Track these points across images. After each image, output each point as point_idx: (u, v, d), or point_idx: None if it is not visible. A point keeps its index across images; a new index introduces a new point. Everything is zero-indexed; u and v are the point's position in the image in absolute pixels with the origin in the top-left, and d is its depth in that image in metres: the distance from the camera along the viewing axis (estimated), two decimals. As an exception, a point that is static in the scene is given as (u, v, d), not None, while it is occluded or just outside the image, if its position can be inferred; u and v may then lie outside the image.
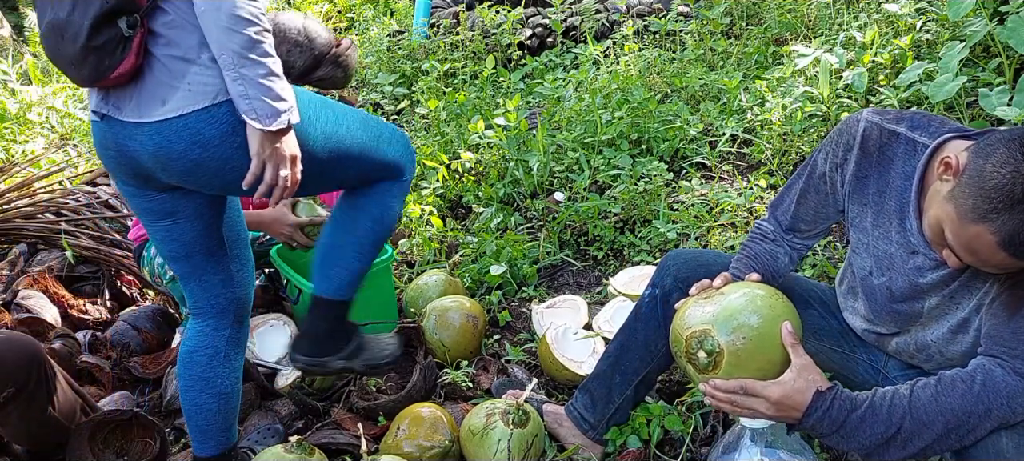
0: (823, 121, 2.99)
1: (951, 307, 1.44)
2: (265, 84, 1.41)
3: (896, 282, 1.49)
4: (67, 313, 2.68)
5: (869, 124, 1.47)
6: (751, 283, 1.48)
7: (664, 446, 1.93)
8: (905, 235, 1.44)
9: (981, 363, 1.33)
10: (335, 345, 1.87)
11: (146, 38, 1.44)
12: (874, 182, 1.47)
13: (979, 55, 2.88)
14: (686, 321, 1.46)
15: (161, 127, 1.45)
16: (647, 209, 2.94)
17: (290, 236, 2.36)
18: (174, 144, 1.46)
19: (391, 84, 4.50)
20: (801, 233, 1.69)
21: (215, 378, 1.76)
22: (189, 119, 1.44)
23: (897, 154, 1.43)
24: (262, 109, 1.41)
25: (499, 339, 2.56)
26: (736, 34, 4.40)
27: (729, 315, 1.40)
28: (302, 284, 2.37)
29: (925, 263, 1.42)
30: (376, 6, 6.19)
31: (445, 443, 1.93)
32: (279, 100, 1.43)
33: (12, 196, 3.27)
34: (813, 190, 1.60)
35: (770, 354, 1.40)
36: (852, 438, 1.35)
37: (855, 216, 1.54)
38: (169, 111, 1.44)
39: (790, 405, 1.36)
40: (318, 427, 2.12)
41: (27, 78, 5.82)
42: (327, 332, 1.86)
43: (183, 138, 1.45)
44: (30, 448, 1.92)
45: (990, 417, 1.29)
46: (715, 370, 1.42)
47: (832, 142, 1.54)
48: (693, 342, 1.43)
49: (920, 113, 1.46)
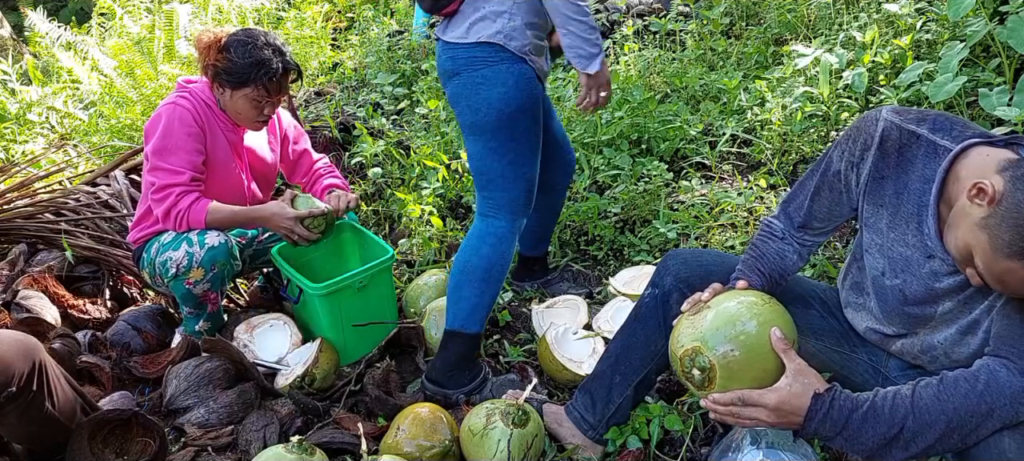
0: (823, 121, 2.99)
1: (963, 310, 1.42)
2: (585, 37, 1.97)
3: (910, 285, 1.47)
4: (67, 313, 2.68)
5: (888, 124, 1.42)
6: (739, 292, 1.47)
7: (664, 446, 1.93)
8: (922, 239, 1.41)
9: (985, 363, 1.32)
10: (461, 379, 2.20)
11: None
12: (891, 183, 1.44)
13: (979, 55, 2.88)
14: (679, 340, 1.46)
15: (447, 47, 2.06)
16: (647, 209, 2.94)
17: (291, 229, 2.36)
18: (443, 63, 2.09)
19: (391, 84, 4.49)
20: (813, 230, 1.65)
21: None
22: (459, 49, 2.03)
23: (917, 156, 1.39)
24: (585, 55, 1.99)
25: (499, 339, 2.56)
26: (736, 34, 4.40)
27: (716, 329, 1.40)
28: (303, 284, 2.37)
29: (941, 268, 1.40)
30: (376, 6, 6.19)
31: (445, 443, 1.93)
32: (595, 46, 2.00)
33: (12, 196, 3.27)
34: (827, 187, 1.57)
35: (763, 363, 1.39)
36: (856, 439, 1.34)
37: (870, 216, 1.51)
38: (455, 38, 2.03)
39: (789, 410, 1.36)
40: (318, 427, 2.12)
41: (27, 78, 5.82)
42: (456, 363, 2.19)
43: (446, 60, 2.07)
44: (30, 448, 1.92)
45: (993, 417, 1.28)
46: (711, 386, 1.42)
47: (849, 140, 1.50)
48: (686, 361, 1.44)
49: (942, 115, 1.42)
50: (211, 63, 2.31)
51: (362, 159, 3.67)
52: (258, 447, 2.03)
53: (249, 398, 2.21)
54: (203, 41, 2.33)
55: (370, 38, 5.30)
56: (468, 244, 2.18)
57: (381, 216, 3.51)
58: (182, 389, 2.19)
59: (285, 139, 2.68)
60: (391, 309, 2.56)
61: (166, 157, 2.28)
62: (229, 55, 2.28)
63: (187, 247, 2.25)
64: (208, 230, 2.29)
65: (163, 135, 2.29)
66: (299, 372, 2.27)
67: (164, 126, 2.29)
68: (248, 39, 2.30)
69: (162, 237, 2.32)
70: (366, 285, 2.42)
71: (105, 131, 4.77)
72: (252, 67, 2.27)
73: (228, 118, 2.42)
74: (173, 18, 5.43)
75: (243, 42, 2.29)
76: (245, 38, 2.30)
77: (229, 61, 2.28)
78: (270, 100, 2.36)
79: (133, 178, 3.42)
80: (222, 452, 2.06)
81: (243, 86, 2.30)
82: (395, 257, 2.50)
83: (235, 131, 2.46)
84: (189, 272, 2.26)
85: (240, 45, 2.28)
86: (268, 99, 2.35)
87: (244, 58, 2.27)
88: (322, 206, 2.40)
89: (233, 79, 2.30)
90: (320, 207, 2.39)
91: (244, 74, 2.28)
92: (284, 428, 2.14)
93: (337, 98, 4.57)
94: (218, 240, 2.28)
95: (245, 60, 2.27)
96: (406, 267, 3.10)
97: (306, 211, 2.36)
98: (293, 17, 5.88)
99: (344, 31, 6.25)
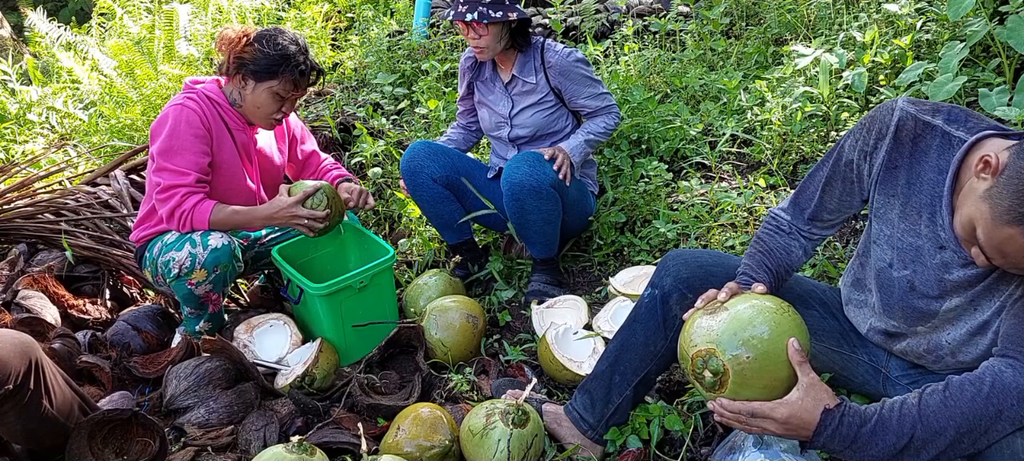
0: (823, 121, 2.99)
1: (970, 310, 1.42)
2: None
3: (920, 275, 1.46)
4: (67, 313, 2.68)
5: (904, 113, 1.42)
6: (756, 295, 1.45)
7: (664, 446, 1.92)
8: (934, 230, 1.41)
9: (990, 365, 1.32)
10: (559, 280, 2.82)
11: None
12: (904, 173, 1.44)
13: (979, 55, 2.88)
14: (691, 338, 1.44)
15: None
16: (647, 209, 2.94)
17: (294, 216, 2.37)
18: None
19: (391, 84, 4.49)
20: (822, 222, 1.65)
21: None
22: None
23: (932, 147, 1.39)
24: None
25: (499, 339, 2.56)
26: (736, 34, 4.40)
27: (733, 333, 1.38)
28: (303, 284, 2.37)
29: (953, 260, 1.40)
30: (376, 6, 6.19)
31: (445, 443, 1.93)
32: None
33: (12, 196, 3.27)
34: (839, 178, 1.56)
35: (776, 371, 1.38)
36: (865, 452, 1.34)
37: (880, 207, 1.50)
38: None
39: (798, 424, 1.35)
40: (318, 427, 2.12)
41: (27, 78, 5.82)
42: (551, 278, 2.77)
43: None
44: (28, 447, 1.92)
45: (1002, 419, 1.28)
46: (721, 389, 1.40)
47: (862, 129, 1.50)
48: (698, 362, 1.42)
49: (958, 107, 1.42)
50: (238, 55, 2.34)
51: (362, 159, 3.67)
52: (258, 447, 2.03)
53: (249, 398, 2.21)
54: (228, 35, 2.35)
55: (370, 38, 5.30)
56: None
57: (381, 216, 3.52)
58: (182, 389, 2.19)
59: (293, 140, 2.70)
60: (391, 309, 2.56)
61: (172, 158, 2.29)
62: (259, 47, 2.32)
63: (190, 248, 2.25)
64: (211, 231, 2.29)
65: (169, 135, 2.29)
66: (299, 372, 2.27)
67: (170, 126, 2.30)
68: (277, 33, 2.35)
69: (165, 237, 2.32)
70: (366, 285, 2.42)
71: (105, 131, 4.77)
72: (281, 60, 2.31)
73: (238, 118, 2.43)
74: (173, 18, 5.44)
75: (272, 36, 2.34)
76: (274, 32, 2.35)
77: (258, 52, 2.32)
78: (291, 96, 2.39)
79: (133, 178, 3.42)
80: (222, 452, 2.06)
81: (270, 78, 2.33)
82: (395, 257, 2.50)
83: (247, 131, 2.46)
84: (192, 273, 2.26)
85: (269, 39, 2.33)
86: (290, 94, 2.38)
87: (274, 50, 2.31)
88: (312, 184, 2.41)
89: (260, 71, 2.32)
90: (310, 186, 2.40)
91: (273, 66, 2.32)
92: (284, 428, 2.14)
93: (337, 98, 4.58)
94: (221, 242, 2.28)
95: (275, 52, 2.31)
96: (406, 267, 3.10)
97: (301, 194, 2.37)
98: (293, 17, 5.88)
99: (344, 31, 6.25)
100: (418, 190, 2.76)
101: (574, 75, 2.68)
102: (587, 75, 2.71)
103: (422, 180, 2.74)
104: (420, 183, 2.74)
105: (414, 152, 2.75)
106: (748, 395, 1.39)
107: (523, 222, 2.60)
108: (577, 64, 2.68)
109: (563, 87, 2.70)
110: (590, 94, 2.71)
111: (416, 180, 2.74)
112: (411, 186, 2.77)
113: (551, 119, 2.76)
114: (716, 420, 1.44)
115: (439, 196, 2.77)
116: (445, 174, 2.75)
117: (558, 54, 2.68)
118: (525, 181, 2.50)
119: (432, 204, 2.78)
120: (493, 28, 2.59)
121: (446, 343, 2.39)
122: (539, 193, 2.51)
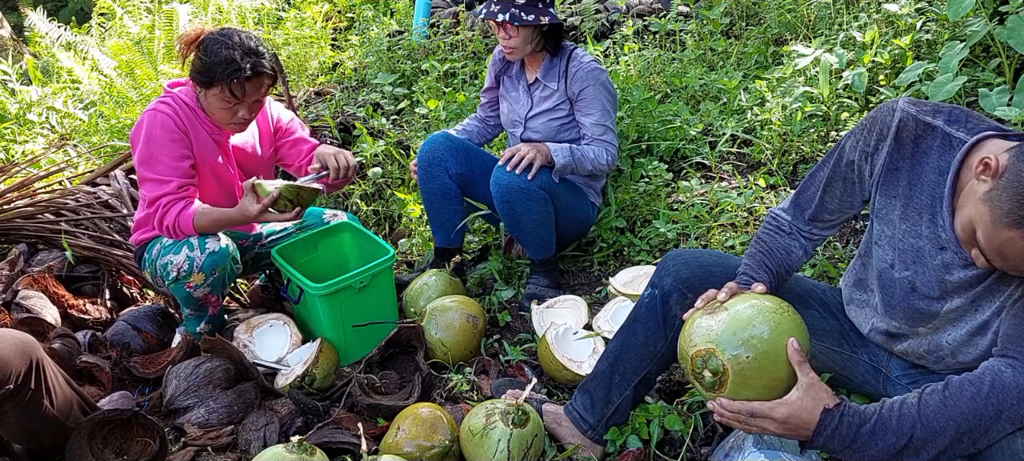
0: (823, 121, 2.99)
1: (970, 311, 1.42)
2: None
3: (921, 277, 1.46)
4: (67, 313, 2.68)
5: (905, 114, 1.42)
6: (756, 295, 1.45)
7: (664, 446, 1.92)
8: (935, 231, 1.41)
9: (990, 365, 1.32)
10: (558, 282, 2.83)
11: None
12: (906, 174, 1.44)
13: (979, 55, 2.88)
14: (691, 338, 1.44)
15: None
16: (647, 209, 2.94)
17: (264, 219, 2.28)
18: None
19: (391, 84, 4.49)
20: (823, 223, 1.65)
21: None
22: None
23: (933, 148, 1.39)
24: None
25: (499, 339, 2.56)
26: (736, 34, 4.40)
27: (733, 333, 1.38)
28: (303, 284, 2.37)
29: (954, 261, 1.40)
30: (376, 6, 6.19)
31: (445, 443, 1.93)
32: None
33: (12, 196, 3.27)
34: (840, 178, 1.56)
35: (776, 371, 1.38)
36: (864, 452, 1.34)
37: (882, 208, 1.50)
38: None
39: (798, 424, 1.35)
40: (318, 427, 2.12)
41: (27, 78, 5.82)
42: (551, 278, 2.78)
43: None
44: (29, 447, 1.92)
45: (1002, 418, 1.28)
46: (721, 389, 1.41)
47: (863, 129, 1.50)
48: (698, 362, 1.42)
49: (959, 107, 1.42)
50: (190, 59, 2.27)
51: (362, 159, 3.67)
52: (258, 447, 2.03)
53: (249, 398, 2.21)
54: (184, 38, 2.27)
55: (370, 38, 5.30)
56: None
57: (381, 216, 3.52)
58: (182, 389, 2.19)
59: (278, 130, 2.60)
60: (391, 309, 2.56)
61: (152, 166, 2.25)
62: (201, 53, 2.23)
63: (188, 251, 2.24)
64: (207, 234, 2.28)
65: (145, 143, 2.25)
66: (299, 372, 2.27)
67: (146, 133, 2.25)
68: (221, 37, 2.22)
69: (164, 239, 2.31)
70: (366, 285, 2.42)
71: (105, 131, 4.77)
72: (218, 66, 2.19)
73: (209, 120, 2.36)
74: (173, 18, 5.43)
75: (216, 40, 2.21)
76: (219, 36, 2.23)
77: (199, 59, 2.23)
78: (241, 102, 2.26)
79: (133, 178, 3.42)
80: (222, 452, 2.06)
81: (211, 85, 2.22)
82: (395, 257, 2.50)
83: (220, 132, 2.40)
84: (190, 276, 2.25)
85: (212, 43, 2.21)
86: (238, 101, 2.25)
87: (213, 57, 2.20)
88: (269, 187, 2.23)
89: (202, 77, 2.23)
90: (267, 189, 2.22)
91: (210, 73, 2.20)
92: (284, 428, 2.14)
93: (337, 98, 4.57)
94: (219, 245, 2.27)
95: (213, 58, 2.19)
96: (406, 267, 3.10)
97: (268, 199, 2.21)
98: (293, 17, 5.88)
99: (344, 31, 6.25)
100: (430, 182, 2.75)
101: (588, 92, 2.62)
102: (600, 99, 2.63)
103: (437, 172, 2.73)
104: (434, 175, 2.73)
105: (435, 143, 2.74)
106: (748, 395, 1.39)
107: (515, 224, 2.59)
108: (597, 84, 2.61)
109: (575, 98, 2.66)
110: (594, 120, 2.64)
111: (431, 172, 2.73)
112: (424, 176, 2.75)
113: (562, 129, 2.73)
114: (716, 420, 1.44)
115: (449, 193, 2.75)
116: (461, 171, 2.74)
117: (582, 66, 2.63)
118: (513, 183, 2.49)
119: (439, 199, 2.77)
120: (524, 30, 2.57)
121: (446, 343, 2.39)
122: (528, 194, 2.50)
